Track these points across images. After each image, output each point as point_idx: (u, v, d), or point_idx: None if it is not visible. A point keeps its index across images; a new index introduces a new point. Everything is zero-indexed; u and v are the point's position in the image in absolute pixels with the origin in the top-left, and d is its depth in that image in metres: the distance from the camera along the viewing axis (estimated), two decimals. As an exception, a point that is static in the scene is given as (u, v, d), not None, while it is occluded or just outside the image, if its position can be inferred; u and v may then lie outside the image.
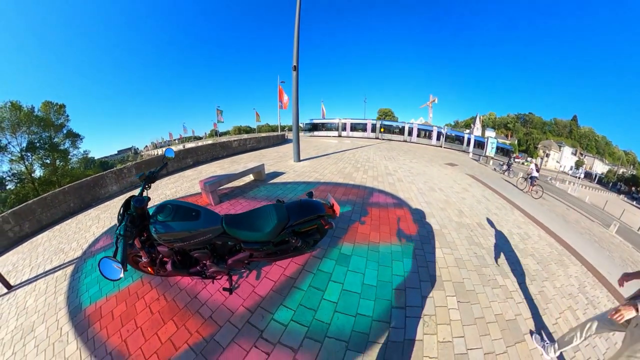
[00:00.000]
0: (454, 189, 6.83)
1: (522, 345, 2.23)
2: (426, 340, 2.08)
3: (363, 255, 3.02)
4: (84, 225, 4.96)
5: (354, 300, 2.37)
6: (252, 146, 11.79)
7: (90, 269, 3.29)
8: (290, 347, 1.95)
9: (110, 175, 6.66)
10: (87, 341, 2.24)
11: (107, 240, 3.99)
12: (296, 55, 6.73)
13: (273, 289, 2.51)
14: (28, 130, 23.05)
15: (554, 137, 53.31)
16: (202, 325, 2.23)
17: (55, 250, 4.12)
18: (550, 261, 3.96)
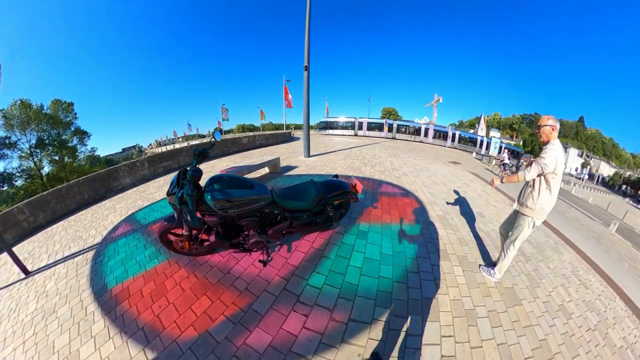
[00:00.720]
0: (455, 183, 7.19)
1: (520, 308, 2.59)
2: (440, 298, 2.45)
3: (378, 232, 3.45)
4: (100, 214, 5.11)
5: (375, 266, 2.76)
6: (260, 143, 12.22)
7: (113, 252, 3.41)
8: (327, 308, 2.19)
9: (123, 169, 6.90)
10: (116, 319, 2.30)
11: (127, 227, 4.15)
12: (307, 55, 7.01)
13: (304, 259, 2.78)
14: (37, 128, 23.73)
15: (560, 138, 52.91)
16: (237, 297, 2.38)
17: (72, 238, 4.25)
18: (545, 248, 4.23)
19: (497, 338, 2.15)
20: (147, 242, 3.50)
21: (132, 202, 5.41)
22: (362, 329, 2.03)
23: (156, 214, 4.49)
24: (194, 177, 2.11)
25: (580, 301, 3.15)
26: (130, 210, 4.90)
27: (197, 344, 1.99)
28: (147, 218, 4.35)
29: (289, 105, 17.51)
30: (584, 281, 3.63)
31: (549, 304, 2.83)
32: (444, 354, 1.90)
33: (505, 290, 2.81)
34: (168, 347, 1.98)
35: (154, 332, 2.12)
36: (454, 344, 2.00)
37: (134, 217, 4.53)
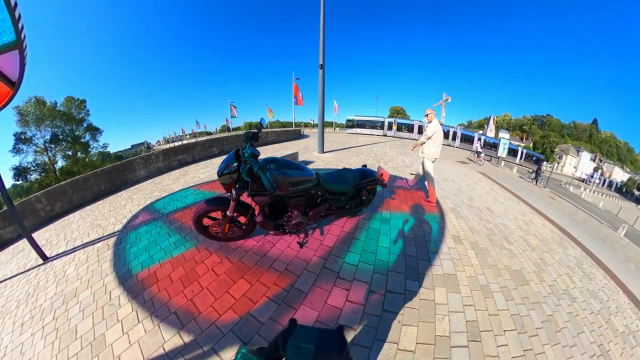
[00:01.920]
0: (464, 181, 7.48)
1: (528, 287, 2.89)
2: (459, 274, 2.77)
3: (399, 219, 3.80)
4: (118, 204, 5.24)
5: (401, 246, 3.08)
6: (272, 139, 12.64)
7: (135, 240, 3.47)
8: (365, 282, 2.42)
9: (138, 161, 7.13)
10: (144, 303, 2.30)
11: (147, 216, 4.22)
12: (322, 54, 7.26)
13: (338, 241, 3.02)
14: (51, 124, 24.65)
15: (573, 141, 51.97)
16: (278, 278, 2.45)
17: (91, 226, 4.36)
18: (551, 242, 4.48)
19: (510, 309, 2.46)
20: (170, 230, 3.58)
21: (149, 193, 5.57)
22: (398, 299, 2.29)
23: (176, 203, 4.63)
24: (254, 155, 2.22)
25: (584, 289, 3.38)
26: (148, 201, 5.04)
27: (239, 325, 2.02)
28: (167, 207, 4.46)
29: (299, 102, 17.76)
30: (588, 273, 3.85)
31: (554, 287, 3.13)
32: (467, 319, 2.21)
33: (514, 272, 3.13)
34: (206, 330, 2.00)
35: (189, 316, 2.13)
36: (474, 312, 2.31)
37: (152, 207, 4.66)
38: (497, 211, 5.23)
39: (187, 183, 5.85)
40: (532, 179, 13.76)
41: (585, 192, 21.28)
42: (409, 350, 1.84)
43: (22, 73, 2.91)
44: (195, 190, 5.29)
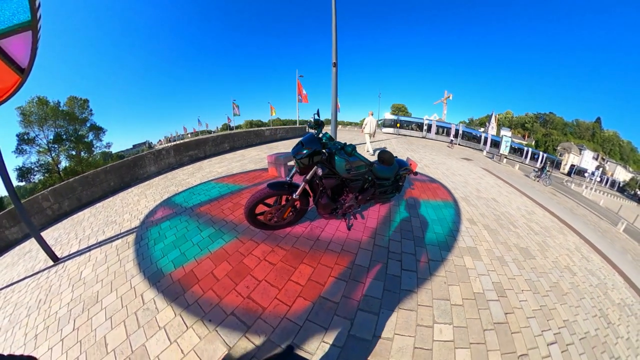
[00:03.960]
0: (470, 176, 7.91)
1: (534, 261, 3.38)
2: (478, 247, 3.25)
3: (422, 205, 4.26)
4: (131, 200, 5.13)
5: (432, 226, 3.55)
6: (281, 136, 12.93)
7: (159, 236, 3.29)
8: (411, 254, 2.82)
9: (149, 157, 7.06)
10: (189, 306, 2.09)
11: (167, 211, 4.10)
12: (335, 52, 7.34)
13: (378, 223, 3.38)
14: (55, 124, 24.87)
15: (575, 139, 52.13)
16: (338, 258, 2.58)
17: (105, 223, 4.20)
18: (551, 229, 4.92)
19: (523, 275, 2.94)
20: (199, 224, 3.46)
21: (164, 188, 5.50)
22: (438, 265, 2.72)
23: (199, 197, 4.55)
24: (331, 139, 2.49)
25: (583, 268, 3.84)
26: (165, 195, 4.94)
27: (314, 312, 1.97)
28: (190, 201, 4.37)
29: (303, 100, 17.93)
30: (586, 256, 4.30)
31: (557, 263, 3.59)
32: (493, 281, 2.66)
33: (521, 249, 3.60)
34: (279, 326, 1.87)
35: (252, 315, 1.97)
36: (497, 275, 2.78)
37: (172, 201, 4.55)
38: (502, 202, 5.68)
39: (204, 177, 5.90)
40: (536, 177, 13.86)
41: (586, 190, 21.75)
42: (458, 304, 2.25)
43: (33, 58, 2.70)
44: (218, 183, 5.31)
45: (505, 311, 2.30)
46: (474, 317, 2.15)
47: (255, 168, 6.40)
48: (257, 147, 10.37)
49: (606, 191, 31.00)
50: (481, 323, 2.10)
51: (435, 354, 1.77)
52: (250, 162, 7.22)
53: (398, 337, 1.84)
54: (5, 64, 2.63)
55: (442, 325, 2.00)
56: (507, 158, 20.94)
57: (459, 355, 1.79)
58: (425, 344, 1.83)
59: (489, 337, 2.00)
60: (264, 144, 11.36)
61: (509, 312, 2.30)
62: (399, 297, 2.20)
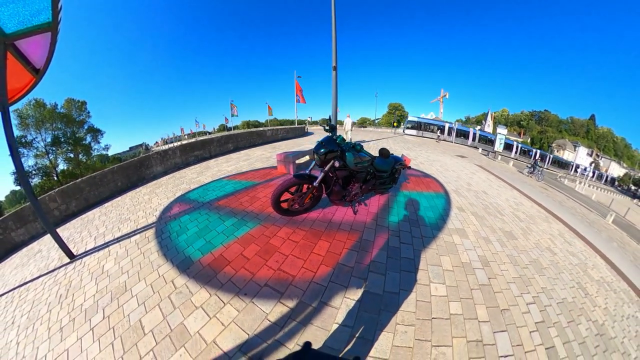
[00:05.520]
0: (463, 172, 8.37)
1: (517, 242, 3.83)
2: (466, 229, 3.71)
3: (416, 196, 4.73)
4: (141, 199, 5.28)
5: (424, 212, 4.02)
6: (282, 136, 13.32)
7: (180, 229, 3.53)
8: (407, 231, 3.29)
9: (156, 157, 7.29)
10: (223, 285, 2.31)
11: (184, 206, 4.32)
12: (335, 56, 7.74)
13: (379, 209, 3.85)
14: (52, 127, 24.85)
15: (570, 136, 53.55)
16: (348, 234, 3.09)
17: (119, 220, 4.35)
18: (537, 218, 5.37)
19: (505, 252, 3.39)
20: (221, 215, 3.74)
21: (175, 186, 5.75)
22: (431, 241, 3.18)
23: (215, 192, 4.84)
24: (344, 140, 3.13)
25: (564, 250, 4.27)
26: (177, 193, 5.17)
27: (334, 275, 2.40)
28: (205, 197, 4.67)
29: (301, 100, 18.31)
30: (569, 241, 4.71)
31: (538, 244, 4.04)
32: (478, 254, 3.12)
33: (505, 232, 4.06)
34: (308, 289, 2.23)
35: (284, 284, 2.29)
36: (482, 250, 3.24)
37: (187, 198, 4.81)
38: (491, 194, 6.16)
39: (215, 175, 6.22)
40: (529, 173, 14.11)
41: (579, 185, 22.32)
42: (449, 270, 2.69)
43: (49, 59, 2.66)
44: (231, 180, 5.66)
45: (489, 276, 2.73)
46: (463, 279, 2.57)
47: (264, 166, 6.80)
48: (260, 147, 10.77)
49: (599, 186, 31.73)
50: (469, 284, 2.52)
51: (433, 305, 2.21)
52: (258, 161, 7.61)
53: (403, 292, 2.29)
54: (21, 64, 2.65)
55: (437, 284, 2.43)
56: (502, 155, 21.51)
57: (452, 307, 2.23)
58: (424, 297, 2.28)
59: (476, 294, 2.42)
60: (267, 143, 11.78)
61: (492, 277, 2.73)
62: (400, 263, 2.66)
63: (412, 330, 1.96)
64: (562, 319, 2.58)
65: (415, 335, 1.93)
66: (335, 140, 3.03)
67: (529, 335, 2.20)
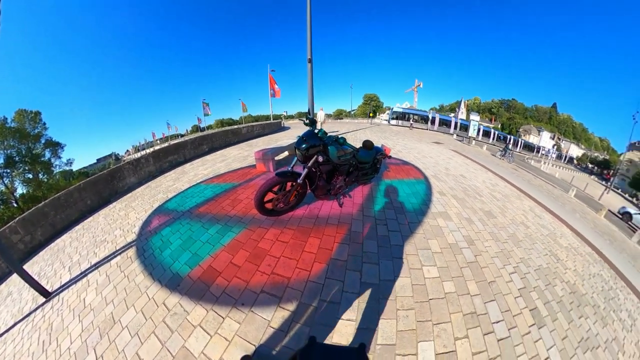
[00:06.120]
0: (440, 157, 8.70)
1: (495, 220, 4.13)
2: (448, 212, 3.93)
3: (398, 183, 4.86)
4: (116, 216, 4.86)
5: (406, 198, 4.18)
6: (258, 132, 12.94)
7: (162, 243, 3.27)
8: (393, 219, 3.39)
9: (127, 167, 6.68)
10: (218, 299, 2.20)
11: (163, 218, 4.05)
12: (310, 48, 7.64)
13: (364, 200, 3.90)
14: (3, 145, 21.85)
15: (535, 122, 59.30)
16: (337, 228, 3.08)
17: (94, 243, 3.96)
18: (511, 196, 5.91)
19: (487, 230, 3.67)
20: (203, 224, 3.53)
21: (152, 197, 5.33)
22: (417, 226, 3.33)
23: (194, 199, 4.57)
24: (325, 133, 2.99)
25: (536, 223, 4.74)
26: (155, 204, 4.80)
27: (330, 271, 2.40)
28: (185, 205, 4.39)
29: (276, 95, 17.95)
30: (539, 215, 5.29)
31: (514, 220, 4.46)
32: (463, 235, 3.32)
33: (485, 211, 4.38)
34: (306, 288, 2.21)
35: (280, 287, 2.24)
36: (466, 231, 3.45)
37: (165, 208, 4.50)
38: (469, 177, 6.51)
39: (192, 180, 5.92)
40: (501, 156, 15.46)
41: (544, 165, 24.20)
42: (438, 252, 2.83)
43: None
44: (209, 184, 5.36)
45: (475, 254, 2.93)
46: (452, 259, 2.72)
47: (242, 166, 6.58)
48: (236, 146, 10.42)
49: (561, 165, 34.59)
50: (458, 263, 2.68)
51: (428, 287, 2.33)
52: (235, 161, 7.33)
53: (398, 279, 2.36)
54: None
55: (429, 267, 2.54)
56: (476, 140, 22.67)
57: (446, 286, 2.36)
58: (419, 281, 2.38)
59: (465, 272, 2.58)
60: (243, 142, 11.44)
61: (477, 255, 2.93)
62: (391, 251, 2.74)
63: (412, 313, 2.06)
64: (540, 283, 2.89)
65: (416, 317, 2.04)
66: (316, 135, 2.94)
67: (514, 300, 2.45)
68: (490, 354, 1.90)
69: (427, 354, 1.79)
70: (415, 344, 1.85)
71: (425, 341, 1.87)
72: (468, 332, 2.00)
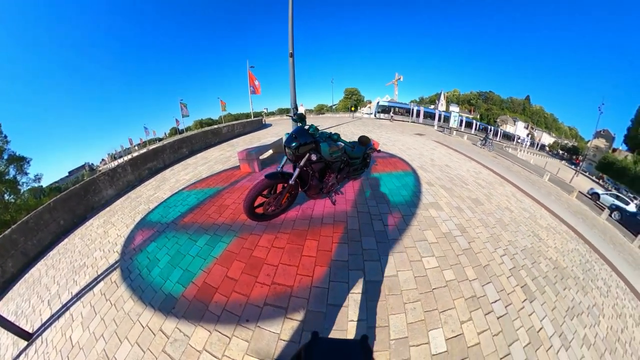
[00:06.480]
0: (424, 148, 9.08)
1: (483, 207, 4.42)
2: (439, 202, 4.12)
3: (387, 176, 5.01)
4: (94, 235, 4.48)
5: (397, 191, 4.31)
6: (239, 131, 12.65)
7: (149, 261, 3.06)
8: (387, 213, 3.50)
9: (103, 179, 6.13)
10: (219, 318, 2.08)
11: (147, 233, 3.76)
12: (291, 43, 7.60)
13: (356, 195, 3.97)
14: (-42, 165, 19.14)
15: (510, 113, 64.55)
16: (334, 227, 3.04)
17: (73, 270, 3.61)
18: (494, 183, 6.43)
19: (476, 217, 3.95)
20: (190, 235, 3.31)
21: (132, 210, 4.98)
22: (411, 218, 3.45)
23: (178, 208, 4.31)
24: (317, 129, 2.87)
25: (518, 207, 5.18)
26: (137, 217, 4.47)
27: (332, 274, 2.36)
28: (169, 216, 4.11)
29: (256, 91, 17.60)
30: (520, 199, 5.90)
31: (499, 205, 4.86)
32: (455, 223, 3.53)
33: (473, 199, 4.67)
34: (311, 295, 2.16)
35: (284, 297, 2.16)
36: (457, 219, 3.67)
37: (148, 221, 4.20)
38: (453, 166, 6.86)
39: (174, 188, 5.61)
40: (481, 145, 16.57)
41: (520, 153, 25.79)
42: (435, 242, 2.97)
43: None
44: (192, 190, 5.08)
45: (468, 241, 3.14)
46: (448, 248, 2.90)
47: (226, 168, 6.27)
48: (217, 147, 10.13)
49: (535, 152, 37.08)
50: (454, 251, 2.86)
51: (429, 277, 2.45)
52: (217, 163, 7.04)
53: (400, 273, 2.45)
54: None
55: (428, 258, 2.68)
56: (457, 131, 23.60)
57: (446, 275, 2.51)
58: (420, 272, 2.48)
59: (462, 259, 2.77)
60: (224, 142, 11.15)
61: (470, 241, 3.15)
62: (390, 245, 2.82)
63: (419, 305, 2.17)
64: (527, 262, 3.21)
65: (423, 308, 2.15)
66: (307, 131, 2.77)
67: (507, 280, 2.72)
68: (493, 331, 2.09)
69: (438, 340, 1.93)
70: (425, 333, 1.97)
71: (435, 329, 2.00)
72: (471, 314, 2.17)
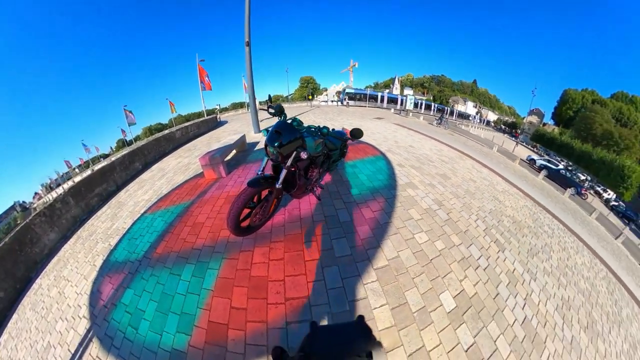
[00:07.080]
0: (387, 132, 9.63)
1: (450, 180, 5.04)
2: (413, 181, 4.53)
3: (360, 163, 5.23)
4: (49, 300, 3.52)
5: (374, 176, 4.54)
6: (194, 133, 11.83)
7: (131, 315, 2.54)
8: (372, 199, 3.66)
9: (39, 221, 4.80)
10: (246, 354, 1.94)
11: (117, 278, 3.10)
12: (247, 31, 7.42)
13: (337, 186, 4.02)
14: None
15: (461, 94, 75.75)
16: (326, 224, 3.08)
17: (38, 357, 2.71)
18: (456, 158, 7.33)
19: (448, 190, 4.53)
20: (171, 269, 2.87)
21: (88, 252, 4.07)
22: (394, 200, 3.71)
23: (146, 237, 3.70)
24: (300, 123, 2.73)
25: (479, 177, 6.16)
26: (98, 261, 3.69)
27: (342, 271, 2.45)
28: (137, 249, 3.51)
29: (207, 87, 16.69)
30: (479, 170, 7.10)
31: (464, 178, 5.61)
32: (432, 199, 3.96)
33: (441, 175, 5.28)
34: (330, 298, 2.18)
35: (304, 310, 2.11)
36: (433, 195, 4.13)
37: (113, 263, 3.51)
38: (417, 146, 7.56)
39: (134, 213, 4.77)
40: (437, 124, 18.56)
41: (471, 129, 28.78)
42: (420, 219, 3.33)
43: None
44: (156, 212, 4.44)
45: (446, 212, 3.65)
46: (432, 222, 3.34)
47: (187, 178, 5.70)
48: (173, 154, 9.26)
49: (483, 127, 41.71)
50: (437, 224, 3.32)
51: (425, 250, 2.83)
52: (177, 174, 6.25)
53: (400, 253, 2.74)
54: None
55: (419, 234, 3.05)
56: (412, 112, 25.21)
57: (437, 245, 2.93)
58: (416, 248, 2.83)
59: (446, 229, 3.25)
60: (179, 147, 10.33)
61: (448, 212, 3.67)
62: (384, 229, 3.06)
63: (424, 276, 2.50)
64: (494, 221, 3.98)
65: (429, 277, 2.50)
66: (291, 126, 2.45)
67: (484, 239, 3.38)
68: (483, 281, 2.68)
69: (448, 301, 2.34)
70: (437, 297, 2.34)
71: (443, 292, 2.40)
72: (465, 272, 2.68)
